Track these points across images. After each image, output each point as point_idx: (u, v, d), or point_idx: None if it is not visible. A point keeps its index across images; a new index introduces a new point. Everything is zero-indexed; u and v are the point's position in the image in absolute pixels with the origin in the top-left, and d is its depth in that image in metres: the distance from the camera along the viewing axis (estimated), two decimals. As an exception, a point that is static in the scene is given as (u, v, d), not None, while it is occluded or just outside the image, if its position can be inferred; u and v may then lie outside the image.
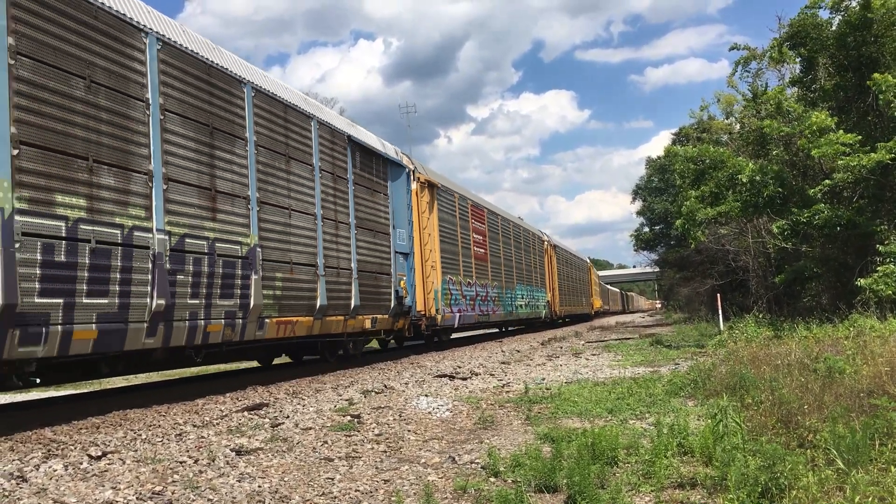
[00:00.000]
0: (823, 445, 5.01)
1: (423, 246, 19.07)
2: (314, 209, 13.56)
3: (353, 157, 15.47)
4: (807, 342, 11.28)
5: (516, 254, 30.77)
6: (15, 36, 7.56)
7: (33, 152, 7.67)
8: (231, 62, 11.63)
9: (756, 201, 16.47)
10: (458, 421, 7.74)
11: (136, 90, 9.25)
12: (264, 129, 12.10)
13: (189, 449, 6.24)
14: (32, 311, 7.49)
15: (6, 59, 7.42)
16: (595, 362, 14.38)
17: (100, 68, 8.66)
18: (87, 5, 8.57)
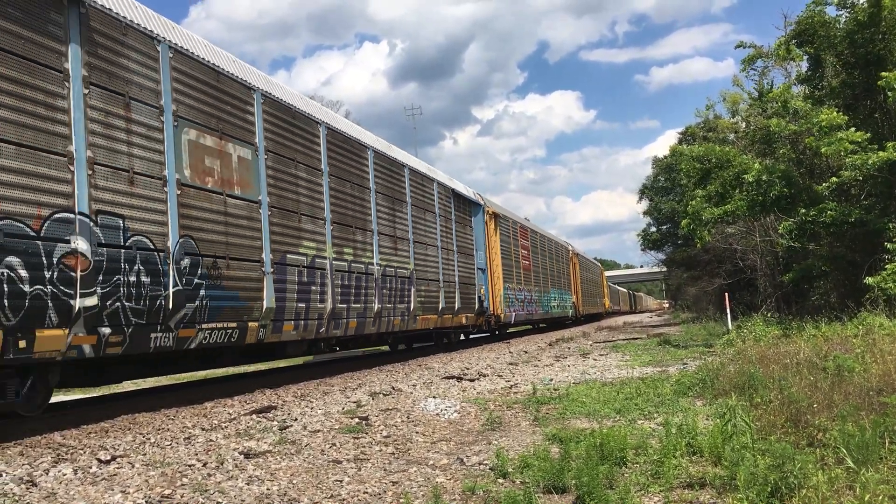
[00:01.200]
0: (833, 444, 4.99)
1: (492, 262, 24.69)
2: (436, 241, 19.69)
3: (454, 203, 21.80)
4: (815, 341, 11.23)
5: (550, 263, 36.12)
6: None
7: (337, 228, 14.01)
8: (398, 153, 18.07)
9: (763, 200, 16.42)
10: (466, 422, 7.73)
11: (366, 181, 15.69)
12: (416, 194, 18.54)
13: (198, 452, 6.25)
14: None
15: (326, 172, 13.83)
16: (603, 363, 14.36)
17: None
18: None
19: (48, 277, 7.55)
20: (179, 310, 9.44)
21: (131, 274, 8.72)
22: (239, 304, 10.71)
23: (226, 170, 10.67)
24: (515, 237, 28.96)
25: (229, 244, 10.58)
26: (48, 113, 7.75)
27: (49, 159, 7.70)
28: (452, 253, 20.92)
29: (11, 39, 7.45)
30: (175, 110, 9.77)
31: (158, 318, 9.09)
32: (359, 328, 14.52)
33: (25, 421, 8.20)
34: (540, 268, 33.19)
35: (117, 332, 8.43)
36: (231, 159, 10.85)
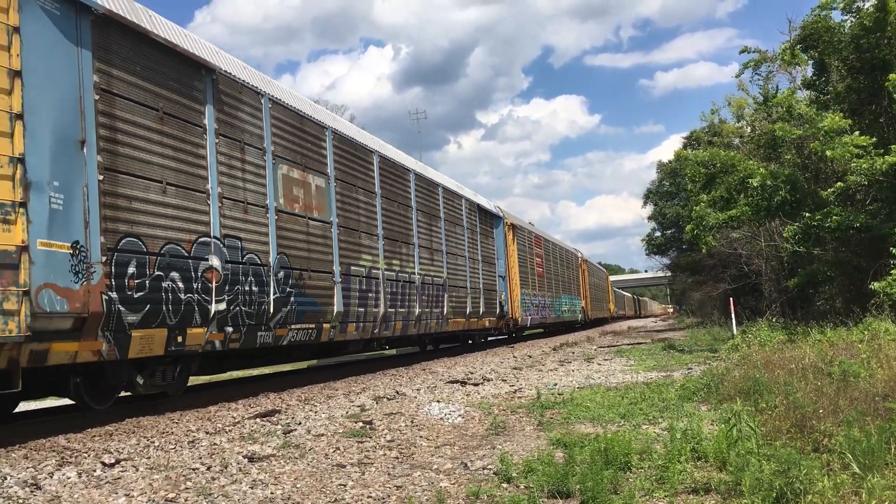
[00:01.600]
0: (839, 450, 4.97)
1: (510, 269, 26.67)
2: (464, 252, 21.90)
3: (478, 216, 24.09)
4: (821, 346, 11.20)
5: (561, 270, 37.97)
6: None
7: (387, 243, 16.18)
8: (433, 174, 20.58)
9: (768, 205, 16.39)
10: (470, 427, 7.72)
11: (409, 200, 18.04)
12: (448, 209, 20.88)
13: (202, 456, 6.25)
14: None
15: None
16: (607, 367, 14.34)
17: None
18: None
19: (195, 287, 9.72)
20: (277, 313, 11.61)
21: (246, 284, 10.90)
22: (317, 308, 12.89)
23: (307, 197, 12.93)
24: (530, 246, 30.99)
25: (310, 259, 12.76)
26: (195, 160, 9.94)
27: (195, 196, 9.90)
28: (478, 262, 23.36)
29: (173, 105, 9.65)
30: (273, 150, 11.96)
31: (263, 319, 11.24)
32: (403, 330, 16.83)
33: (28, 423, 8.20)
34: (552, 274, 35.11)
35: (237, 331, 10.57)
36: (311, 188, 13.11)
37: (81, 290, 7.93)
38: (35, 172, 7.49)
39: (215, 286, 10.10)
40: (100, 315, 8.15)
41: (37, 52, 7.71)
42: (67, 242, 7.87)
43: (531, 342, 29.26)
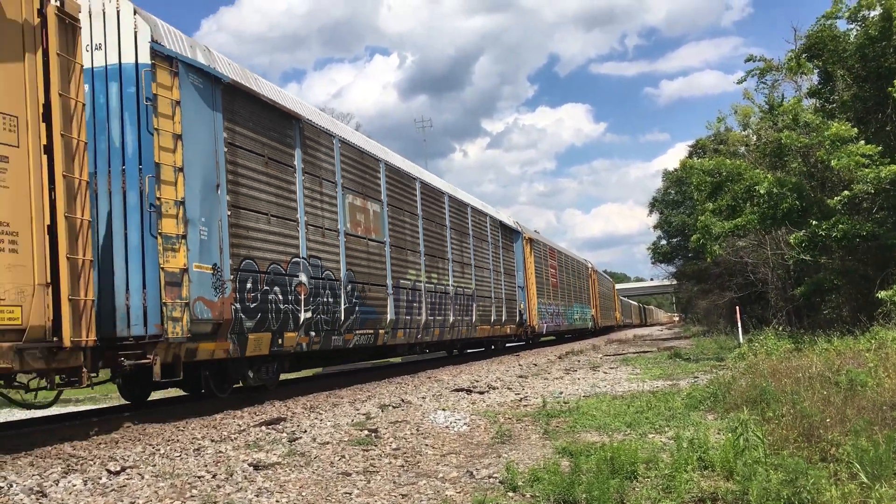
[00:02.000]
0: (846, 459, 4.95)
1: (528, 280, 28.85)
2: (489, 265, 24.11)
3: (501, 232, 26.45)
4: (828, 355, 11.16)
5: (573, 280, 40.04)
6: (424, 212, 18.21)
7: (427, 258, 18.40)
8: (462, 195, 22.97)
9: (774, 213, 16.35)
10: (476, 435, 7.71)
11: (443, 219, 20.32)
12: (475, 226, 23.14)
13: (207, 464, 6.24)
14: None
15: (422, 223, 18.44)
16: (613, 376, 14.30)
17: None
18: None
19: (290, 299, 11.85)
20: (346, 321, 13.73)
21: (324, 297, 13.00)
22: (375, 316, 15.08)
23: (367, 220, 15.19)
24: (546, 258, 33.18)
25: (370, 274, 14.96)
26: (288, 195, 12.19)
27: (289, 224, 12.13)
28: (500, 274, 25.56)
29: (274, 151, 11.95)
30: (342, 182, 14.21)
31: (335, 326, 13.33)
32: (440, 335, 19.00)
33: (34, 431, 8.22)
34: (565, 284, 37.20)
35: (318, 335, 12.71)
36: (369, 213, 15.37)
37: (219, 301, 10.02)
38: (191, 211, 9.60)
39: (304, 298, 12.31)
40: (230, 321, 10.26)
41: (190, 119, 9.75)
42: (210, 265, 9.92)
43: (540, 350, 29.23)
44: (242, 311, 10.59)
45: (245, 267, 10.77)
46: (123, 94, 9.34)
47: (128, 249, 9.10)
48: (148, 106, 9.29)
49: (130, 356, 8.91)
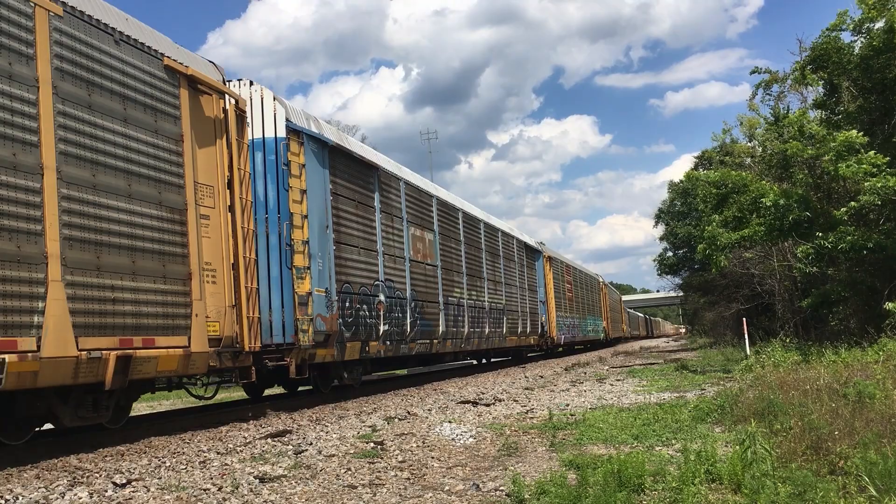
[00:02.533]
0: (855, 472, 4.92)
1: (548, 295, 31.87)
2: (516, 282, 27.13)
3: (525, 252, 29.45)
4: (836, 367, 11.10)
5: (586, 294, 42.75)
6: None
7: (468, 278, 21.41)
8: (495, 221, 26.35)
9: (780, 225, 16.31)
10: (482, 448, 7.68)
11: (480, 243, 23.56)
12: (504, 248, 26.16)
13: (213, 476, 6.23)
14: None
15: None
16: (620, 388, 14.25)
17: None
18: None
19: (373, 314, 14.82)
20: (411, 332, 16.70)
21: (396, 312, 15.94)
22: (430, 328, 18.04)
23: (423, 248, 18.31)
24: (563, 274, 36.00)
25: (426, 292, 18.00)
26: (370, 230, 15.29)
27: (372, 254, 15.27)
28: (525, 290, 28.56)
29: (361, 196, 15.03)
30: (406, 217, 17.32)
31: (403, 337, 16.30)
32: (478, 345, 22.13)
33: (40, 443, 8.22)
34: (580, 298, 40.01)
35: (392, 344, 15.65)
36: (425, 241, 18.52)
37: (329, 317, 12.96)
38: (312, 248, 12.57)
39: (382, 314, 15.25)
40: (336, 332, 13.19)
41: (310, 177, 12.82)
42: (324, 289, 12.88)
43: (553, 360, 29.18)
44: (343, 324, 13.59)
45: (344, 290, 13.85)
46: (266, 161, 12.23)
47: (270, 279, 11.92)
48: (284, 169, 12.33)
49: (273, 359, 11.53)
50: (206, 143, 10.17)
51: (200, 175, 10.02)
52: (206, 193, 10.05)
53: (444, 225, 19.99)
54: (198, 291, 9.56)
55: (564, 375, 19.34)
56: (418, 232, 18.03)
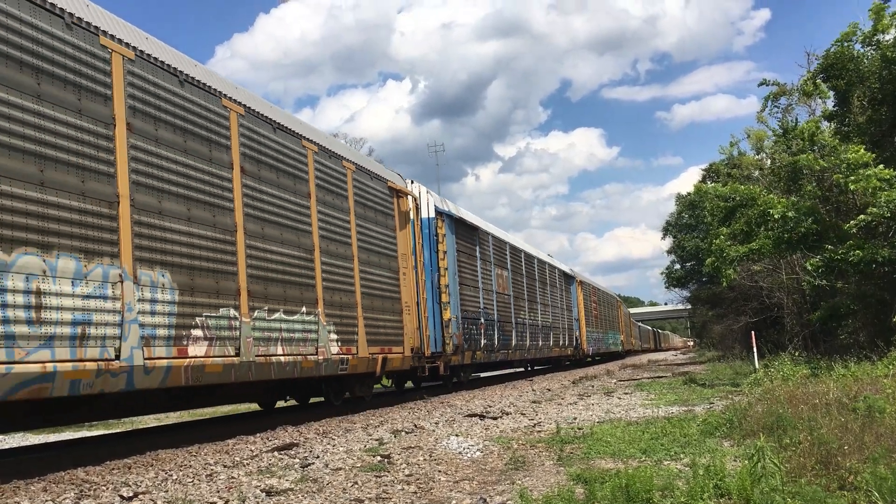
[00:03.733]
0: (865, 487, 4.88)
1: (580, 314, 39.09)
2: (557, 303, 33.91)
3: (564, 278, 36.75)
4: (845, 381, 11.04)
5: (607, 311, 50.45)
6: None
7: (528, 303, 29.06)
8: (542, 255, 34.09)
9: (789, 238, 16.26)
10: (489, 461, 7.65)
11: (533, 273, 31.28)
12: (549, 276, 32.75)
13: (219, 490, 6.22)
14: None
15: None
16: (627, 401, 14.19)
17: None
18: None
19: (477, 332, 21.18)
20: (497, 345, 23.11)
21: (489, 331, 22.59)
22: (507, 342, 24.52)
23: (502, 282, 25.05)
24: (590, 295, 43.24)
25: (505, 315, 24.76)
26: (474, 272, 21.83)
27: (476, 290, 21.82)
28: (563, 310, 35.48)
29: (469, 248, 21.85)
30: (493, 261, 24.13)
31: (493, 348, 22.58)
32: (535, 355, 29.19)
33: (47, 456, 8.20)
34: (602, 316, 47.18)
35: (486, 354, 21.79)
36: (503, 277, 25.38)
37: (457, 335, 19.17)
38: (450, 289, 19.10)
39: (482, 332, 21.86)
40: (461, 345, 19.46)
41: (448, 242, 19.38)
42: (455, 316, 19.21)
43: (545, 376, 29.12)
44: (463, 339, 20.04)
45: (463, 316, 20.41)
46: (423, 234, 18.75)
47: (430, 310, 18.56)
48: (434, 238, 19.22)
49: (428, 363, 17.87)
50: (403, 226, 17.26)
51: (400, 247, 16.80)
52: (405, 259, 17.00)
53: (513, 263, 27.11)
54: (404, 320, 16.40)
55: (572, 388, 19.28)
56: (499, 271, 24.98)
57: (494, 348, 22.83)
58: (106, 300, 8.21)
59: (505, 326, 24.22)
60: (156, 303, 9.05)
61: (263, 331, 11.08)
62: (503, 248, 25.78)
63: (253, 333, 10.77)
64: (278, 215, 11.94)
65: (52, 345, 7.44)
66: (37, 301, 7.36)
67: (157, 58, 9.68)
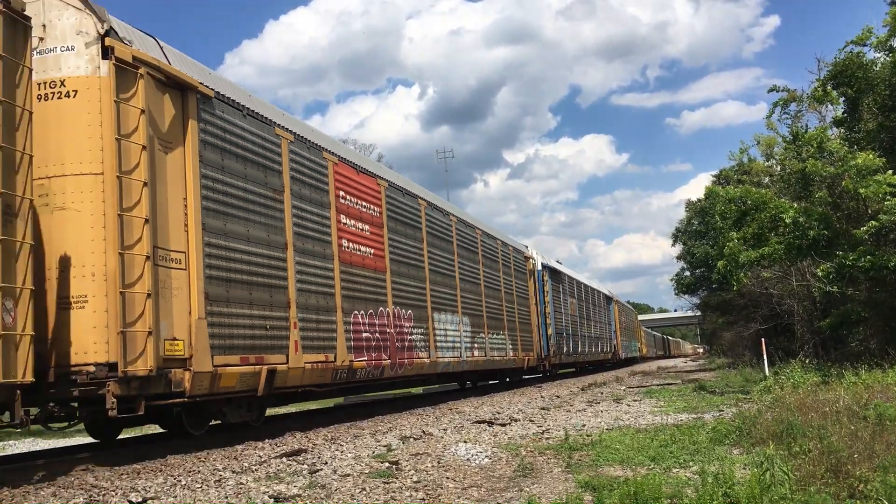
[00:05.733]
0: (875, 496, 4.85)
1: (615, 326, 48.44)
2: (603, 320, 43.94)
3: (606, 300, 46.46)
4: (856, 388, 10.98)
5: (629, 322, 60.84)
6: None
7: (585, 320, 39.96)
8: (596, 284, 47.90)
9: (800, 244, 16.19)
10: (498, 468, 7.64)
11: (591, 299, 43.05)
12: (597, 301, 43.41)
13: (228, 495, 6.24)
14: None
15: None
16: (636, 408, 14.14)
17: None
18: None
19: (561, 342, 31.19)
20: (571, 352, 33.27)
21: (568, 341, 32.74)
22: (577, 350, 34.48)
23: (573, 307, 34.82)
24: (621, 312, 53.62)
25: (575, 330, 34.65)
26: (561, 303, 32.72)
27: (562, 314, 32.26)
28: (605, 325, 44.67)
29: (557, 287, 32.59)
30: (568, 292, 34.67)
31: (569, 353, 32.65)
32: (592, 360, 39.22)
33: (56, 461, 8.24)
34: (625, 328, 56.18)
35: (566, 357, 32.12)
36: (573, 304, 34.92)
37: (554, 345, 29.58)
38: (551, 316, 29.91)
39: (563, 342, 31.15)
40: (556, 351, 29.87)
41: (548, 284, 30.34)
42: (553, 332, 29.71)
43: (554, 383, 29.11)
44: (556, 347, 29.41)
45: (556, 332, 29.95)
46: (537, 281, 29.06)
47: (542, 328, 28.36)
48: (542, 285, 29.34)
49: (542, 362, 28.11)
50: (529, 278, 28.40)
51: (529, 291, 27.89)
52: (531, 298, 27.98)
53: (578, 293, 36.79)
54: (534, 335, 27.36)
55: (581, 395, 19.23)
56: (571, 300, 34.57)
57: (570, 353, 32.92)
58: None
59: (575, 338, 34.25)
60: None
61: (489, 344, 22.06)
62: (573, 283, 36.24)
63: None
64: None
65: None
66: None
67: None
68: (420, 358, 16.26)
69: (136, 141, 8.72)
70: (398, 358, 15.06)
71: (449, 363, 18.17)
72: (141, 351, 8.36)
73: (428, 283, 17.25)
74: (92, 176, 8.48)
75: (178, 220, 9.36)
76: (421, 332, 16.49)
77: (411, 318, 15.99)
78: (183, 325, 9.17)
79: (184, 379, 9.03)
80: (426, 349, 16.71)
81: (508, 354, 23.49)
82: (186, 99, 9.74)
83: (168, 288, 9.02)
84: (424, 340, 16.66)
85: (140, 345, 8.37)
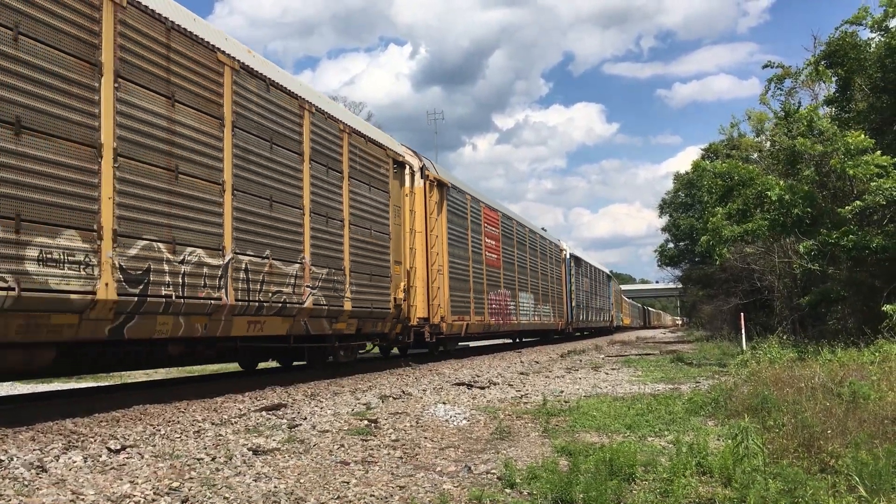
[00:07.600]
0: (846, 471, 4.94)
1: (613, 300, 60.21)
2: (605, 295, 55.95)
3: (606, 279, 58.30)
4: (831, 366, 11.12)
5: (615, 297, 65.49)
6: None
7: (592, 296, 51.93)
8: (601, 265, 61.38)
9: (784, 221, 16.27)
10: (475, 430, 7.71)
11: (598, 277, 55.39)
12: (602, 280, 55.23)
13: (207, 446, 6.27)
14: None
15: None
16: (614, 377, 14.29)
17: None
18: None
19: (578, 311, 42.44)
20: (584, 318, 43.84)
21: (583, 310, 43.45)
22: (588, 316, 45.86)
23: (586, 284, 45.46)
24: (617, 290, 65.32)
25: (587, 302, 45.39)
26: (578, 281, 42.65)
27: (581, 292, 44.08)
28: (606, 298, 54.02)
29: (576, 269, 42.23)
30: (583, 273, 44.54)
31: (583, 319, 43.48)
32: (597, 325, 50.52)
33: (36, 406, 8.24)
34: (615, 299, 62.92)
35: (582, 322, 43.20)
36: (586, 282, 45.45)
37: (575, 312, 40.59)
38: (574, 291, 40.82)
39: (580, 311, 42.22)
40: (577, 317, 41.14)
41: (573, 269, 40.82)
42: (576, 304, 40.86)
43: (532, 349, 29.28)
44: (575, 314, 40.52)
45: (575, 305, 40.59)
46: (565, 265, 38.95)
47: (566, 300, 38.63)
48: (570, 268, 39.84)
49: (568, 326, 38.60)
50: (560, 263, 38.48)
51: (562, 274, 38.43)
52: (562, 281, 38.10)
53: (589, 273, 45.71)
54: (565, 307, 38.47)
55: (560, 362, 19.39)
56: (585, 279, 43.70)
57: (584, 321, 42.17)
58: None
59: (587, 309, 44.11)
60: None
61: (542, 312, 32.80)
62: (587, 266, 45.24)
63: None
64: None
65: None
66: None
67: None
68: (513, 321, 27.10)
69: (432, 214, 18.68)
70: (507, 320, 26.00)
71: (524, 323, 29.17)
72: (436, 313, 18.64)
73: (516, 273, 28.10)
74: (421, 232, 18.18)
75: (444, 249, 19.43)
76: (513, 304, 27.23)
77: (510, 297, 26.86)
78: (444, 301, 19.27)
79: (442, 326, 19.06)
80: (516, 315, 27.57)
81: (551, 319, 34.31)
82: (443, 190, 19.64)
83: (442, 284, 19.12)
84: (514, 309, 27.36)
85: (435, 310, 18.57)
